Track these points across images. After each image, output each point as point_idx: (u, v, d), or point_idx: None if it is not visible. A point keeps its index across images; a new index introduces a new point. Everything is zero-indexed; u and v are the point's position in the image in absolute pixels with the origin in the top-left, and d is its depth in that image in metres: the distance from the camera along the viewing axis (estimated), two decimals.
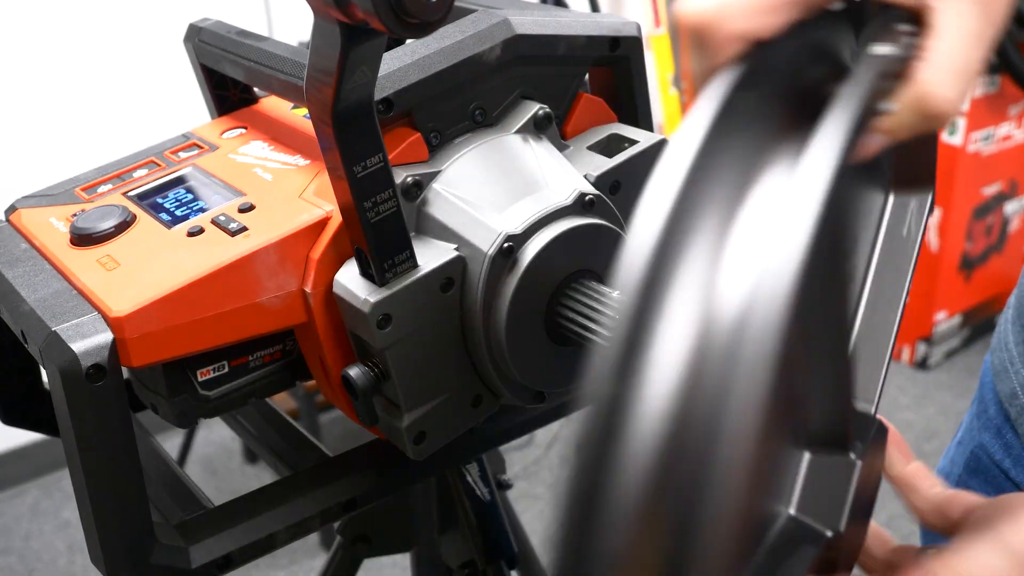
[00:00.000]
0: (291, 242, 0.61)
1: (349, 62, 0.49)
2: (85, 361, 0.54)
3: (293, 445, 0.77)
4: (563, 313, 0.62)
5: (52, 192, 0.72)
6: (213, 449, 2.47)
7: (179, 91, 1.83)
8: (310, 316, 0.62)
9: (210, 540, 0.64)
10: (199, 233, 0.62)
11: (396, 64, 0.62)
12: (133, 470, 0.58)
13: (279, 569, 2.05)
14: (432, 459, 0.68)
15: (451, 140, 0.65)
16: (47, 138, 2.20)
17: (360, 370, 0.60)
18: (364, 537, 0.94)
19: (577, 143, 0.69)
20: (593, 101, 0.71)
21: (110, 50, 2.23)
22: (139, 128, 2.25)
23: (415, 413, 0.62)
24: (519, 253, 0.61)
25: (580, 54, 0.67)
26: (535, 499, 2.24)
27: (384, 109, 0.61)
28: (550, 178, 0.63)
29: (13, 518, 2.27)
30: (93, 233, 0.64)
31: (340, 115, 0.52)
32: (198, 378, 0.63)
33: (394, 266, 0.59)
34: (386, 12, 0.44)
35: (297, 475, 0.70)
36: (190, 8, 2.05)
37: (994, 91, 2.68)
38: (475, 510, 0.88)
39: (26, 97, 2.17)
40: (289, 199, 0.64)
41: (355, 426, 0.66)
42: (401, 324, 0.59)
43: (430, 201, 0.63)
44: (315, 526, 0.68)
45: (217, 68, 0.77)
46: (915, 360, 2.70)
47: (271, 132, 0.75)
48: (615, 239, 0.64)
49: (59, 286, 0.60)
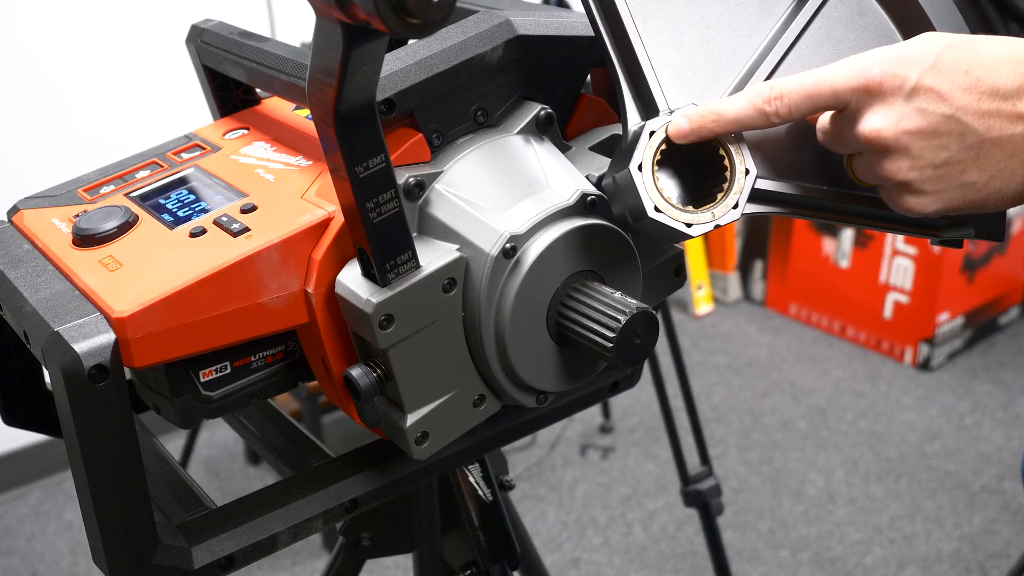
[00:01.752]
0: (293, 243, 0.61)
1: (351, 63, 0.50)
2: (87, 362, 0.54)
3: (295, 446, 0.77)
4: (565, 313, 0.62)
5: (54, 193, 0.73)
6: (216, 450, 2.47)
7: (181, 92, 1.83)
8: (312, 317, 0.62)
9: (212, 541, 0.64)
10: (201, 234, 0.62)
11: (398, 65, 0.62)
12: (135, 471, 0.58)
13: (282, 570, 2.05)
14: (434, 460, 0.68)
15: (453, 141, 0.65)
16: (49, 139, 2.20)
17: (362, 371, 0.60)
18: (367, 538, 0.94)
19: (579, 143, 0.69)
20: (595, 102, 0.71)
21: (112, 51, 2.23)
22: (141, 129, 2.25)
23: (417, 413, 0.62)
24: (521, 253, 0.61)
25: (582, 55, 0.67)
26: (537, 500, 2.24)
27: (386, 110, 0.61)
28: (552, 178, 0.63)
29: (16, 519, 2.27)
30: (95, 234, 0.64)
31: (342, 116, 0.52)
32: (200, 379, 0.63)
33: (396, 267, 0.58)
34: (388, 13, 0.44)
35: (300, 476, 0.70)
36: (192, 9, 2.05)
37: None
38: (477, 511, 0.88)
39: (28, 98, 2.17)
40: (291, 200, 0.64)
41: (358, 427, 0.66)
42: (403, 324, 0.59)
43: (432, 202, 0.63)
44: (318, 527, 0.68)
45: (219, 69, 0.77)
46: (917, 361, 2.70)
47: (273, 133, 0.75)
48: (617, 239, 0.64)
49: (61, 287, 0.60)
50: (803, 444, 2.41)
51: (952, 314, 2.74)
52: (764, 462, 2.35)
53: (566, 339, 0.64)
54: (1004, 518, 2.12)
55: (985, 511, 2.15)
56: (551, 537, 2.13)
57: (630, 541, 2.12)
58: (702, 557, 1.99)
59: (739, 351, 2.86)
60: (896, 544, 2.06)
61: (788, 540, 2.09)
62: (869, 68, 0.54)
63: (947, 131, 0.53)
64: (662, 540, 2.11)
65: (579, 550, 2.10)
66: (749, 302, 3.15)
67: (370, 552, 0.95)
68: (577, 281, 0.63)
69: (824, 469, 2.31)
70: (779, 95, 0.56)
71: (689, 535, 2.10)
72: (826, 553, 2.05)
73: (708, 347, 2.88)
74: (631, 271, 0.66)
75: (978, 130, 0.53)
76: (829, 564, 2.02)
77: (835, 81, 0.55)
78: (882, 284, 2.77)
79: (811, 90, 0.55)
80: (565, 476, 2.33)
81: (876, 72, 0.54)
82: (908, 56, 0.54)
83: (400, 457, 0.70)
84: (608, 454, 2.41)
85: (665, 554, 2.07)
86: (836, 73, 0.55)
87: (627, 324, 0.59)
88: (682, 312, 3.07)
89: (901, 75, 0.53)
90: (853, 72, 0.54)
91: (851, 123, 0.56)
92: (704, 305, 3.08)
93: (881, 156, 0.55)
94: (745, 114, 0.57)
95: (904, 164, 0.54)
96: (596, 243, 0.63)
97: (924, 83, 0.53)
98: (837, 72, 0.55)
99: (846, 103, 0.55)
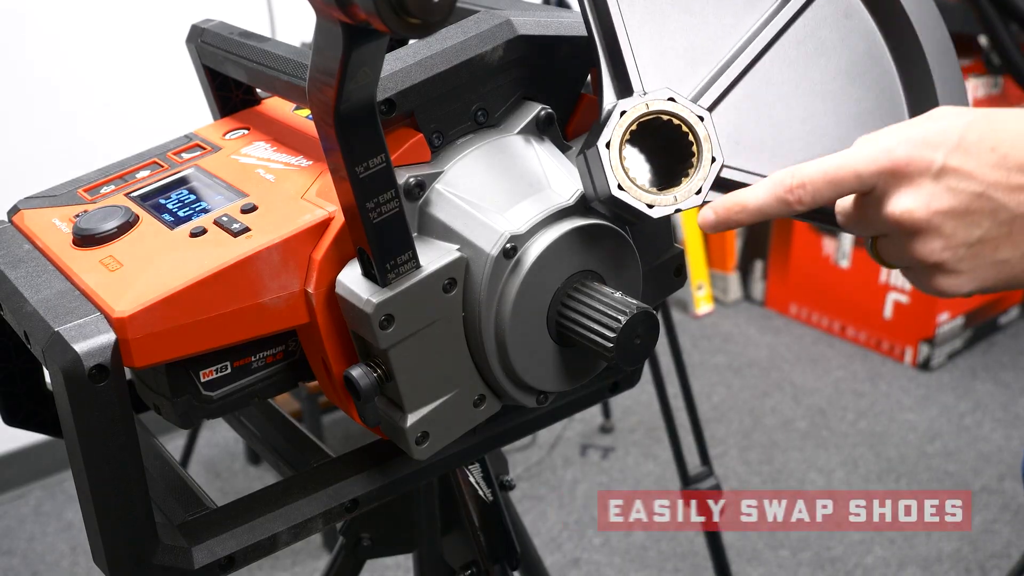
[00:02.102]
0: (293, 243, 0.61)
1: (351, 63, 0.50)
2: (88, 362, 0.54)
3: (296, 446, 0.77)
4: (565, 313, 0.62)
5: (55, 193, 0.73)
6: (216, 450, 2.47)
7: (182, 92, 1.83)
8: (312, 317, 0.62)
9: (213, 541, 0.64)
10: (202, 234, 0.62)
11: (398, 65, 0.62)
12: (136, 471, 0.58)
13: (282, 570, 2.05)
14: (434, 460, 0.68)
15: (453, 141, 0.65)
16: (50, 139, 2.20)
17: (362, 370, 0.60)
18: (367, 538, 0.94)
19: (579, 144, 0.69)
20: (595, 102, 0.71)
21: (113, 51, 2.23)
22: (142, 129, 2.25)
23: (417, 414, 0.62)
24: (522, 253, 0.61)
25: (582, 55, 0.67)
26: (537, 500, 2.24)
27: (386, 110, 0.61)
28: (552, 179, 0.63)
29: (16, 520, 2.27)
30: (96, 234, 0.64)
31: (342, 116, 0.52)
32: (201, 379, 0.63)
33: (396, 267, 0.58)
34: (388, 13, 0.44)
35: (300, 476, 0.70)
36: (192, 9, 2.05)
37: (997, 92, 2.68)
38: (477, 511, 0.88)
39: (29, 98, 2.17)
40: (291, 200, 0.64)
41: (358, 427, 0.66)
42: (403, 324, 0.59)
43: (432, 202, 0.63)
44: (318, 527, 0.68)
45: (220, 69, 0.77)
46: (918, 361, 2.70)
47: (273, 133, 0.75)
48: (617, 239, 0.64)
49: (62, 287, 0.60)
50: (803, 444, 2.41)
51: (952, 314, 2.74)
52: (764, 462, 2.35)
53: (566, 339, 0.64)
54: (1004, 518, 2.12)
55: (985, 511, 2.15)
56: (551, 537, 2.13)
57: (630, 541, 2.12)
58: (702, 557, 1.99)
59: (739, 351, 2.86)
60: (896, 544, 2.06)
61: (788, 540, 2.09)
62: (893, 150, 0.53)
63: (979, 209, 0.52)
64: (662, 540, 2.11)
65: (579, 550, 2.10)
66: (749, 302, 3.15)
67: (370, 552, 0.95)
68: (577, 281, 0.63)
69: (824, 469, 2.31)
70: (801, 183, 0.55)
71: (689, 535, 2.10)
72: (826, 553, 2.05)
73: (708, 347, 2.88)
74: (631, 271, 0.66)
75: (1009, 206, 0.52)
76: (829, 564, 2.02)
77: (858, 165, 0.54)
78: (882, 284, 2.77)
79: (834, 175, 0.54)
80: (565, 476, 2.33)
81: (901, 153, 0.53)
82: (931, 138, 0.53)
83: (400, 457, 0.70)
84: (608, 454, 2.41)
85: (665, 554, 2.07)
86: (858, 157, 0.54)
87: (627, 324, 0.59)
88: (682, 312, 3.07)
89: (928, 157, 0.52)
90: (876, 155, 0.53)
91: (877, 206, 0.55)
92: (704, 305, 3.08)
93: (912, 238, 0.54)
94: (768, 204, 0.56)
95: (937, 245, 0.53)
96: (596, 243, 0.63)
97: (951, 164, 0.52)
98: (858, 156, 0.54)
99: (871, 186, 0.54)
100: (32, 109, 2.19)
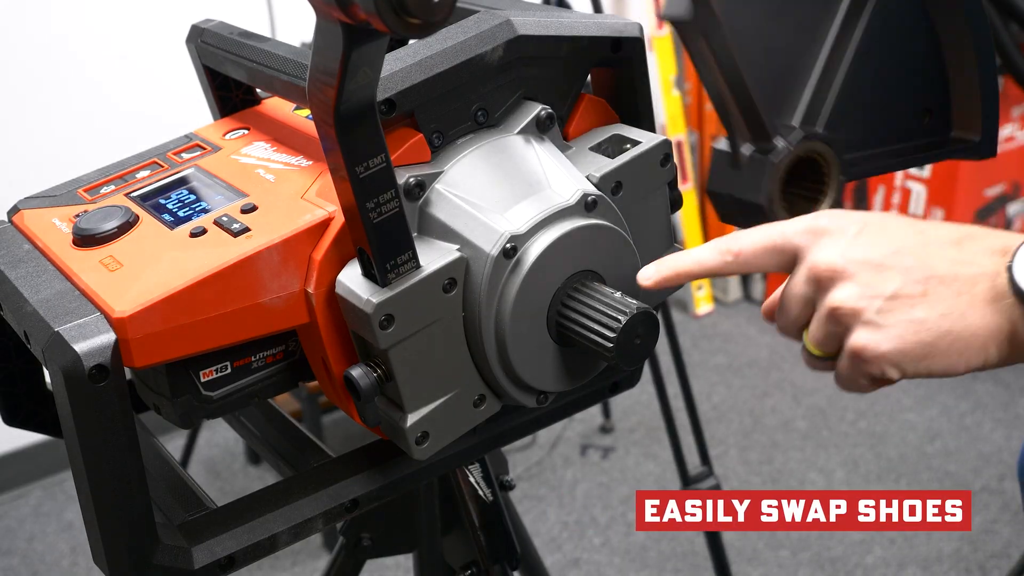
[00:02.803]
0: (294, 243, 0.61)
1: (351, 63, 0.50)
2: (88, 362, 0.54)
3: (296, 446, 0.77)
4: (565, 313, 0.62)
5: (55, 193, 0.73)
6: (216, 450, 2.47)
7: (182, 92, 1.83)
8: (312, 317, 0.62)
9: (213, 541, 0.64)
10: (202, 234, 0.62)
11: (398, 65, 0.62)
12: (136, 471, 0.58)
13: (282, 570, 2.05)
14: (434, 460, 0.68)
15: (453, 141, 0.65)
16: (50, 139, 2.20)
17: (363, 371, 0.60)
18: (367, 538, 0.94)
19: (579, 144, 0.69)
20: (595, 102, 0.71)
21: (113, 51, 2.23)
22: (142, 129, 2.24)
23: (418, 414, 0.62)
24: (522, 253, 0.61)
25: (582, 55, 0.67)
26: (538, 500, 2.24)
27: (386, 110, 0.61)
28: (552, 179, 0.63)
29: (16, 520, 2.28)
30: (96, 234, 0.64)
31: (342, 116, 0.52)
32: (201, 379, 0.63)
33: (396, 267, 0.59)
34: (388, 13, 0.44)
35: (300, 476, 0.70)
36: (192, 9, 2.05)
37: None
38: (478, 511, 0.88)
39: (29, 98, 2.17)
40: (291, 200, 0.64)
41: (358, 427, 0.66)
42: (404, 324, 0.59)
43: (432, 202, 0.63)
44: (318, 527, 0.68)
45: (220, 69, 0.77)
46: None
47: (273, 133, 0.75)
48: (617, 239, 0.64)
49: (62, 287, 0.60)
50: (803, 444, 2.41)
51: None
52: (764, 462, 2.35)
53: (566, 339, 0.64)
54: (1004, 518, 2.12)
55: (985, 511, 2.15)
56: (551, 537, 2.13)
57: (630, 541, 2.12)
58: (702, 557, 1.99)
59: (739, 351, 2.86)
60: (896, 544, 2.06)
61: (788, 540, 2.09)
62: (818, 217, 0.58)
63: (894, 265, 0.55)
64: (662, 540, 2.11)
65: (579, 550, 2.10)
66: (749, 302, 3.15)
67: (370, 552, 0.95)
68: (577, 281, 0.63)
69: (824, 469, 2.31)
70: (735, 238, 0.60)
71: (689, 535, 2.10)
72: (826, 553, 2.05)
73: (708, 347, 2.88)
74: (631, 271, 0.66)
75: (924, 265, 0.55)
76: (829, 564, 2.02)
77: (784, 226, 0.59)
78: None
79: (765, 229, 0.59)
80: (565, 476, 2.33)
81: (824, 219, 0.58)
82: (853, 214, 0.58)
83: (400, 457, 0.70)
84: (608, 454, 2.41)
85: (665, 554, 2.07)
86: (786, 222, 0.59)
87: (627, 324, 0.59)
88: (682, 312, 3.07)
89: (848, 221, 0.57)
90: (802, 219, 0.59)
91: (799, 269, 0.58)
92: (704, 305, 3.08)
93: (829, 290, 0.56)
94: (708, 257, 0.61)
95: (854, 291, 0.55)
96: (596, 243, 0.63)
97: (872, 223, 0.57)
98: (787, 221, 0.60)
99: (796, 246, 0.58)
100: (32, 109, 2.19)
